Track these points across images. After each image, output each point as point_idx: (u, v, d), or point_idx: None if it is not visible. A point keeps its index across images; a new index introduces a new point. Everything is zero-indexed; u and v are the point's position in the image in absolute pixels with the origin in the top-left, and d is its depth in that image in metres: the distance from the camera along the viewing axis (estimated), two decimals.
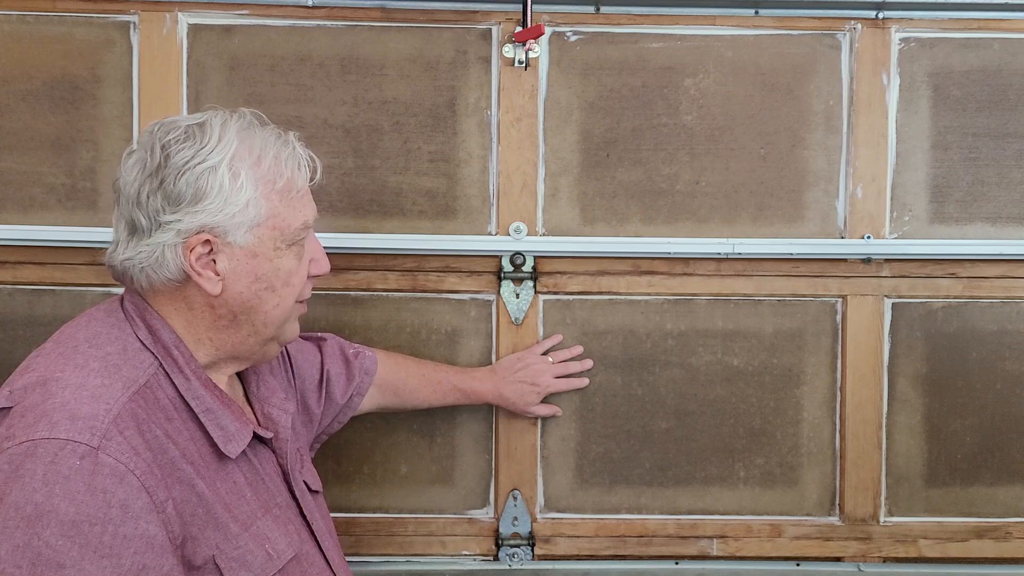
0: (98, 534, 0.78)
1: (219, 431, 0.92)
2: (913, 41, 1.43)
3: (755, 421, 1.46)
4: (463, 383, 1.37)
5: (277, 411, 1.05)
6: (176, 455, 0.87)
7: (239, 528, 0.91)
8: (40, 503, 0.77)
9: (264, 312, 0.95)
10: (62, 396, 0.83)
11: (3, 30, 1.39)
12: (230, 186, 0.90)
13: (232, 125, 0.93)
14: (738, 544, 1.47)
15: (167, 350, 0.92)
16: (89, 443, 0.80)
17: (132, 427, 0.84)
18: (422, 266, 1.43)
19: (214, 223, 0.90)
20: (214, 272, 0.92)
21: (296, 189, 0.95)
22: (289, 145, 0.96)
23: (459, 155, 1.43)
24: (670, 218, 1.44)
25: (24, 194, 1.40)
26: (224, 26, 1.40)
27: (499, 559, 1.46)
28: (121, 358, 0.89)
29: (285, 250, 0.95)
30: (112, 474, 0.80)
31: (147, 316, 0.93)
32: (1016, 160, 1.44)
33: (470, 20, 1.41)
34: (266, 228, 0.93)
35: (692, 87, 1.43)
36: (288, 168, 0.94)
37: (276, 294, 0.95)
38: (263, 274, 0.94)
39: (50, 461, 0.78)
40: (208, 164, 0.90)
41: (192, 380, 0.92)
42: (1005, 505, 1.48)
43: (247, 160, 0.91)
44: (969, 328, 1.46)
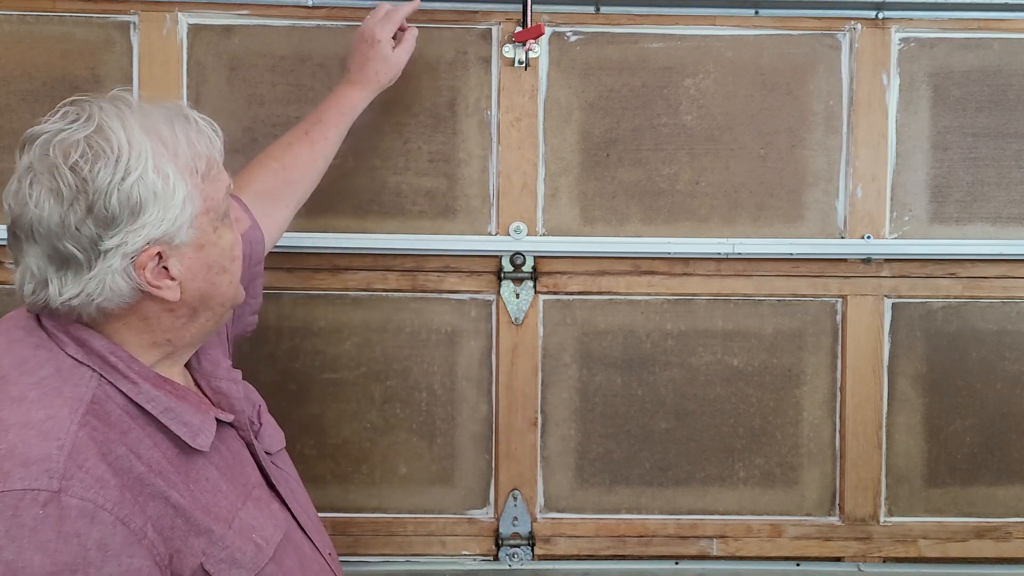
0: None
1: (184, 428, 0.87)
2: (913, 41, 1.43)
3: (755, 421, 1.46)
4: (327, 114, 1.27)
5: (226, 383, 0.98)
6: (143, 470, 0.82)
7: (223, 527, 0.86)
8: (10, 561, 0.72)
9: (220, 294, 0.92)
10: (7, 441, 0.76)
11: (3, 30, 1.39)
12: (163, 190, 0.83)
13: (129, 121, 0.84)
14: (738, 544, 1.47)
15: (104, 359, 0.85)
16: (49, 488, 0.74)
17: (92, 455, 0.78)
18: (422, 266, 1.43)
19: (160, 233, 0.83)
20: (170, 279, 0.86)
21: (214, 163, 0.89)
22: (191, 121, 0.89)
23: (459, 155, 1.43)
24: (670, 218, 1.44)
25: None
26: (224, 26, 1.40)
27: (499, 559, 1.46)
28: (58, 379, 0.83)
29: (221, 227, 0.90)
30: (81, 515, 0.75)
31: (71, 329, 0.86)
32: (1016, 160, 1.44)
33: (470, 20, 1.41)
34: (203, 215, 0.87)
35: (692, 87, 1.43)
36: (202, 147, 0.88)
37: (227, 273, 0.92)
38: (213, 260, 0.89)
39: (11, 515, 0.73)
40: (135, 175, 0.81)
41: (140, 383, 0.86)
42: (1005, 505, 1.48)
43: (166, 156, 0.84)
44: (969, 328, 1.46)
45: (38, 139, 0.83)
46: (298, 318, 1.43)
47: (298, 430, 1.44)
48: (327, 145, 1.26)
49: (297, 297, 1.43)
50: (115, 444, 0.81)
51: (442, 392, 1.45)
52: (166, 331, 0.89)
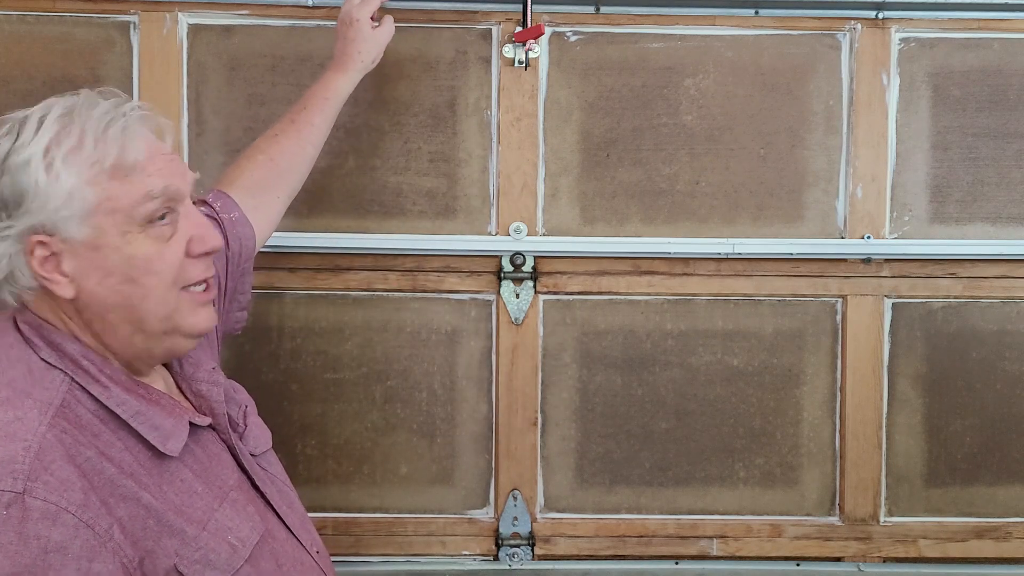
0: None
1: (154, 432, 0.86)
2: (913, 41, 1.43)
3: (755, 421, 1.47)
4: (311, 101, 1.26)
5: (206, 386, 0.97)
6: (113, 472, 0.81)
7: (196, 528, 0.85)
8: None
9: (133, 307, 0.86)
10: None
11: (3, 30, 1.39)
12: (45, 179, 0.81)
13: (56, 110, 0.85)
14: (738, 544, 1.47)
15: (76, 362, 0.85)
16: (12, 489, 0.74)
17: (59, 456, 0.78)
18: (422, 266, 1.43)
19: (41, 222, 0.82)
20: (60, 274, 0.84)
21: (131, 164, 0.85)
22: (121, 117, 0.86)
23: (459, 155, 1.43)
24: (670, 218, 1.44)
25: None
26: (224, 26, 1.40)
27: (499, 559, 1.46)
28: (28, 381, 0.83)
29: (138, 234, 0.85)
30: (43, 517, 0.74)
31: (44, 332, 0.86)
32: (1016, 160, 1.44)
33: (470, 20, 1.41)
34: (102, 215, 0.83)
35: (692, 87, 1.43)
36: (116, 144, 0.84)
37: (139, 285, 0.86)
38: (114, 266, 0.84)
39: None
40: (21, 159, 0.82)
41: (111, 387, 0.86)
42: (1005, 505, 1.48)
43: (64, 146, 0.83)
44: (969, 328, 1.46)
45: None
46: (299, 318, 1.43)
47: (300, 430, 1.44)
48: (313, 132, 1.25)
49: (298, 297, 1.43)
50: (84, 447, 0.81)
51: (442, 392, 1.45)
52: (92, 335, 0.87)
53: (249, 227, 1.15)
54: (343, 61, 1.28)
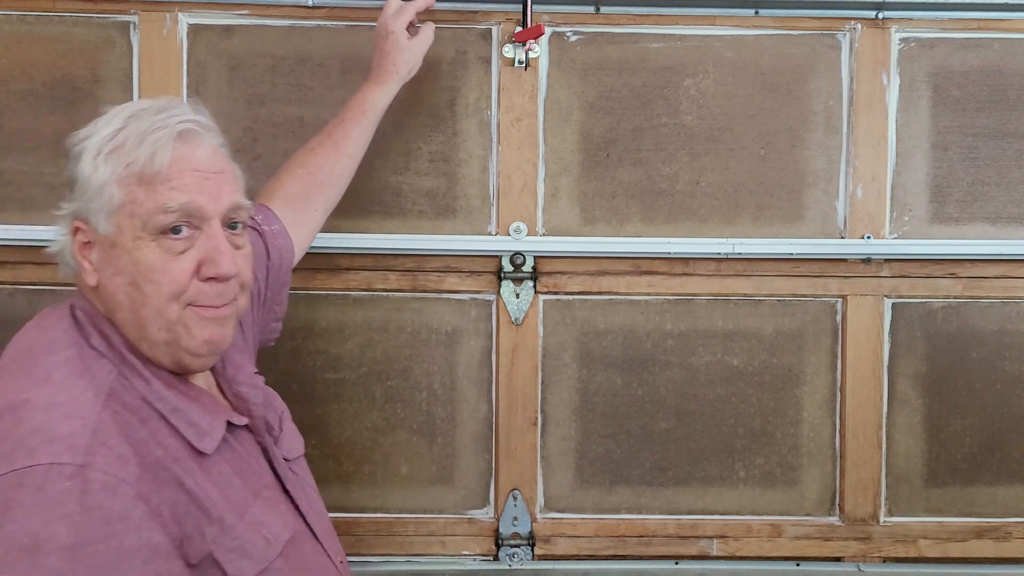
0: (102, 552, 0.76)
1: (190, 428, 0.89)
2: (913, 41, 1.43)
3: (755, 421, 1.47)
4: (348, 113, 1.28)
5: (246, 388, 1.01)
6: (161, 455, 0.85)
7: (234, 518, 0.88)
8: (37, 532, 0.74)
9: (135, 312, 0.89)
10: (34, 420, 0.80)
11: (3, 30, 1.39)
12: (91, 171, 0.88)
13: (126, 111, 0.91)
14: (738, 544, 1.47)
15: (121, 355, 0.89)
16: (73, 462, 0.78)
17: (114, 434, 0.82)
18: (422, 266, 1.43)
19: (79, 208, 0.90)
20: (89, 263, 0.90)
21: (155, 172, 0.87)
22: (164, 128, 0.89)
23: (459, 155, 1.43)
24: (670, 218, 1.44)
25: (25, 194, 1.40)
26: (224, 26, 1.40)
27: (499, 559, 1.46)
28: (80, 365, 0.86)
29: (148, 241, 0.87)
30: (104, 488, 0.78)
31: (96, 322, 0.90)
32: (1016, 160, 1.44)
33: (470, 20, 1.41)
34: (123, 215, 0.87)
35: (692, 87, 1.43)
36: (148, 147, 0.87)
37: (140, 292, 0.88)
38: (123, 267, 0.88)
39: (37, 488, 0.76)
40: (79, 149, 0.90)
41: (152, 381, 0.89)
42: (1005, 505, 1.48)
43: (110, 143, 0.89)
44: (969, 328, 1.46)
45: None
46: (300, 318, 1.43)
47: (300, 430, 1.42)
48: (351, 144, 1.28)
49: (299, 297, 1.43)
50: (135, 428, 0.84)
51: (442, 392, 1.45)
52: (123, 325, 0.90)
53: (288, 239, 1.20)
54: (380, 74, 1.30)
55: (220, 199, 0.91)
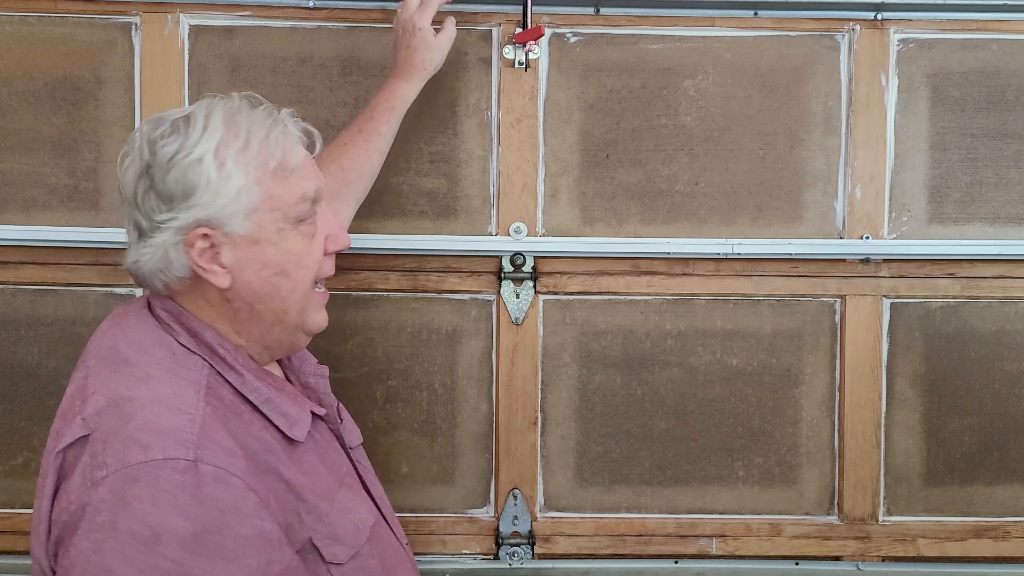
0: (218, 541, 0.79)
1: (282, 418, 0.92)
2: (912, 42, 1.44)
3: (754, 421, 1.47)
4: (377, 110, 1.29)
5: (314, 379, 1.05)
6: (258, 447, 0.87)
7: (326, 505, 0.91)
8: (155, 524, 0.77)
9: (281, 299, 0.93)
10: (141, 416, 0.82)
11: (5, 31, 1.39)
12: (218, 176, 0.88)
13: (218, 112, 0.91)
14: (737, 543, 1.48)
15: (212, 349, 0.91)
16: (185, 456, 0.80)
17: (219, 428, 0.84)
18: (423, 266, 1.44)
19: (207, 216, 0.88)
20: (219, 265, 0.90)
21: (291, 167, 0.92)
22: (280, 123, 0.93)
23: (459, 156, 1.43)
24: (669, 218, 1.45)
25: (26, 194, 1.41)
26: (225, 27, 1.40)
27: (499, 558, 1.47)
28: (172, 363, 0.88)
29: (291, 231, 0.92)
30: (216, 480, 0.80)
31: (183, 319, 0.92)
32: (1014, 160, 1.45)
33: (470, 21, 1.41)
34: (264, 212, 0.90)
35: (691, 88, 1.44)
36: (278, 147, 0.92)
37: (289, 278, 0.93)
38: (270, 259, 0.92)
39: (153, 483, 0.78)
40: (194, 157, 0.88)
41: (245, 374, 0.92)
42: (1004, 504, 1.48)
43: (233, 147, 0.89)
44: (967, 328, 1.47)
45: (151, 117, 0.93)
46: None
47: None
48: (380, 141, 1.29)
49: None
50: (233, 422, 0.87)
51: (443, 392, 1.46)
52: (233, 322, 0.93)
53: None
54: (407, 70, 1.30)
55: (322, 179, 0.98)
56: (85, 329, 1.42)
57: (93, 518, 0.78)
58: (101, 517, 0.78)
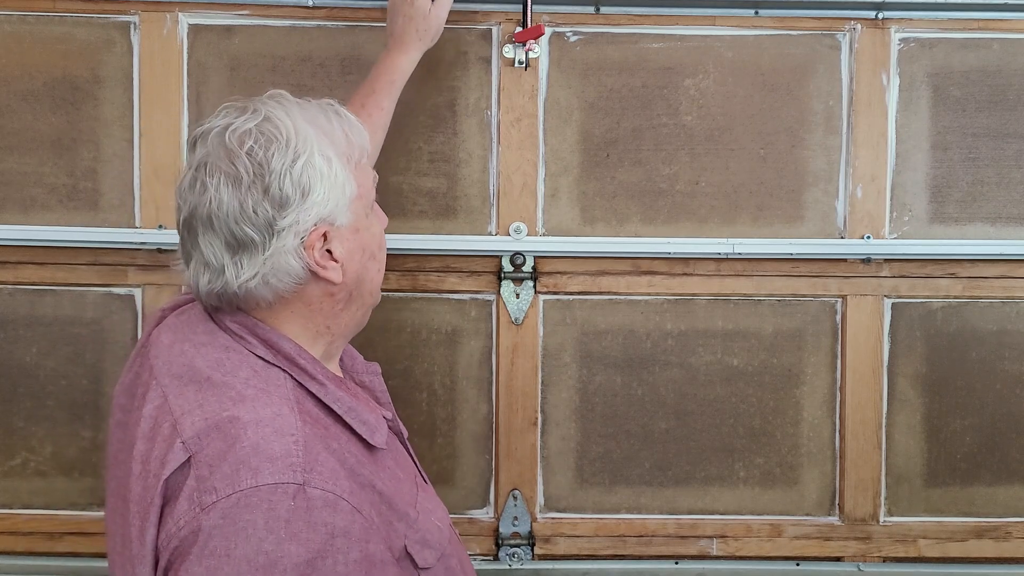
0: (331, 566, 0.78)
1: (363, 427, 0.91)
2: (913, 41, 1.43)
3: (755, 421, 1.47)
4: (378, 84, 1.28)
5: (368, 377, 1.05)
6: (352, 461, 0.86)
7: (414, 511, 0.91)
8: (270, 551, 0.76)
9: (371, 280, 0.96)
10: (247, 438, 0.80)
11: (3, 30, 1.39)
12: (328, 172, 0.88)
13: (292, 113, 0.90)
14: (738, 544, 1.47)
15: (292, 360, 0.89)
16: (295, 481, 0.79)
17: (321, 449, 0.83)
18: (422, 266, 1.44)
19: (326, 213, 0.88)
20: (333, 260, 0.90)
21: (364, 155, 0.95)
22: (342, 115, 0.94)
23: (459, 155, 1.43)
24: (670, 218, 1.44)
25: (25, 194, 1.40)
26: (225, 26, 1.40)
27: (499, 559, 1.46)
28: (259, 380, 0.87)
29: (372, 214, 0.96)
30: (325, 505, 0.79)
31: (259, 331, 0.90)
32: (1015, 160, 1.44)
33: (470, 20, 1.41)
34: (357, 201, 0.92)
35: (692, 87, 1.43)
36: (355, 137, 0.93)
37: (376, 260, 0.96)
38: (366, 244, 0.94)
39: (267, 508, 0.77)
40: (304, 158, 0.87)
41: (327, 384, 0.90)
42: (1005, 505, 1.48)
43: (327, 143, 0.90)
44: (969, 328, 1.46)
45: (211, 132, 0.88)
46: None
47: None
48: (383, 115, 1.28)
49: None
50: (328, 439, 0.85)
51: (442, 392, 1.45)
52: (326, 318, 0.93)
53: None
54: (405, 41, 1.29)
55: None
56: (84, 329, 1.41)
57: (206, 544, 0.77)
58: (214, 543, 0.76)
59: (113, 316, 1.42)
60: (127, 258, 1.40)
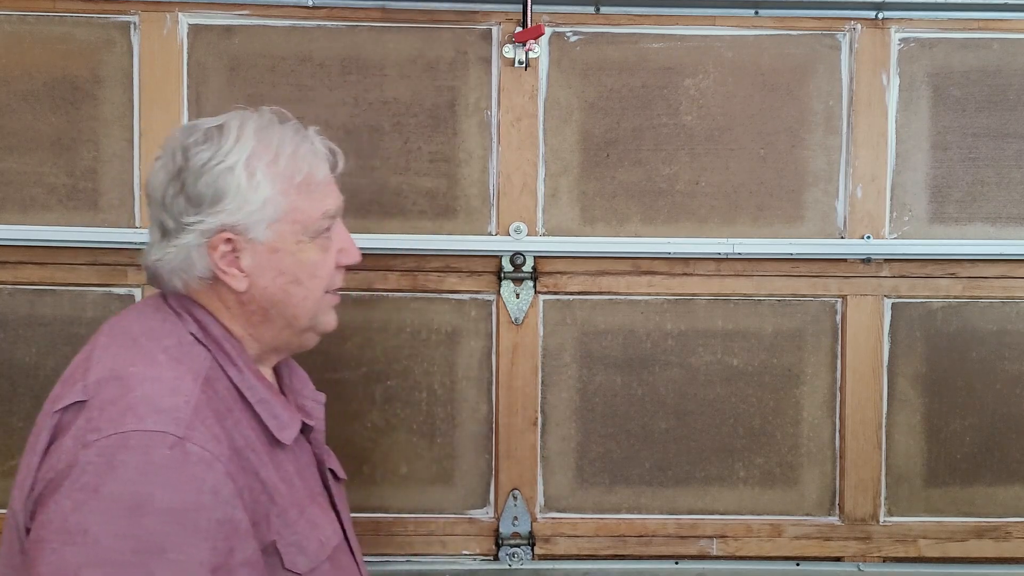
0: (194, 519, 0.80)
1: (273, 420, 0.95)
2: (913, 41, 1.43)
3: (755, 421, 1.47)
4: None
5: (311, 403, 1.08)
6: (242, 443, 0.90)
7: (296, 514, 0.93)
8: (138, 492, 0.79)
9: (293, 305, 0.97)
10: (142, 389, 0.85)
11: (4, 30, 1.39)
12: (247, 185, 0.91)
13: (250, 125, 0.95)
14: (738, 544, 1.47)
15: (218, 344, 0.94)
16: (176, 433, 0.82)
17: (210, 415, 0.87)
18: (422, 266, 1.44)
19: (234, 222, 0.91)
20: (239, 269, 0.93)
21: (316, 182, 0.96)
22: (308, 140, 0.97)
23: (459, 155, 1.43)
24: (670, 218, 1.44)
25: (25, 194, 1.40)
26: (224, 26, 1.40)
27: (499, 559, 1.46)
28: (180, 351, 0.91)
29: (308, 243, 0.96)
30: (200, 461, 0.82)
31: (194, 312, 0.95)
32: (1015, 160, 1.44)
33: (470, 20, 1.41)
34: (286, 223, 0.94)
35: (692, 87, 1.43)
36: (306, 163, 0.95)
37: (303, 287, 0.96)
38: (286, 268, 0.95)
39: (143, 452, 0.80)
40: (226, 165, 0.91)
41: (245, 371, 0.94)
42: (1005, 505, 1.48)
43: (264, 158, 0.93)
44: (969, 328, 1.46)
45: (186, 124, 0.96)
46: None
47: None
48: None
49: None
50: (224, 415, 0.89)
51: (442, 392, 1.45)
52: (248, 324, 0.97)
53: None
54: None
55: (341, 198, 1.01)
56: (84, 329, 1.41)
57: (78, 478, 0.80)
58: (86, 478, 0.79)
59: (113, 316, 1.42)
60: (127, 258, 1.40)
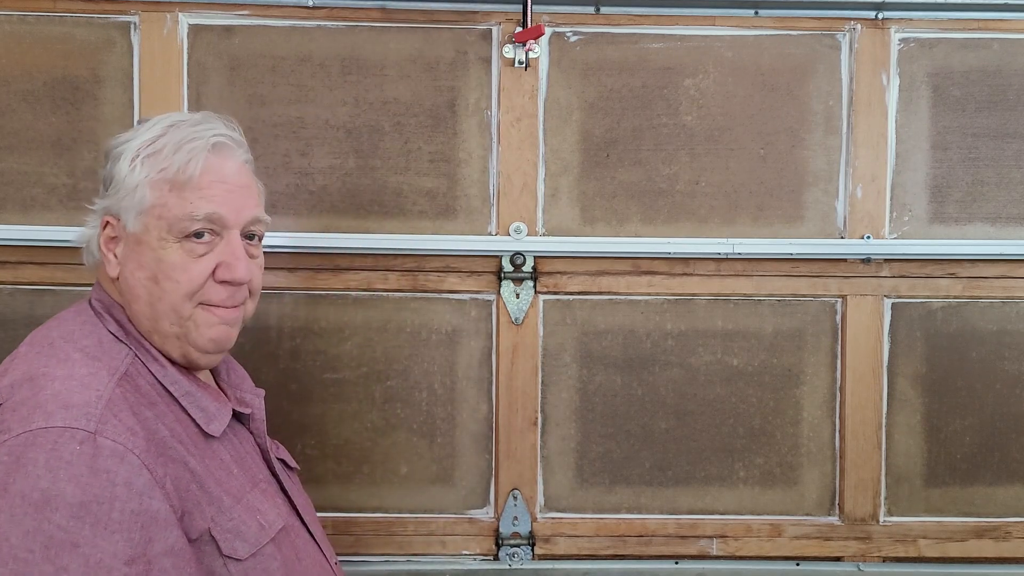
0: (106, 512, 0.81)
1: (200, 412, 0.95)
2: (913, 41, 1.43)
3: (755, 421, 1.47)
4: None
5: (250, 396, 1.07)
6: (166, 435, 0.90)
7: (231, 501, 0.93)
8: (46, 489, 0.79)
9: (150, 304, 0.94)
10: (52, 388, 0.85)
11: (4, 30, 1.39)
12: (127, 171, 0.94)
13: (168, 119, 0.97)
14: (738, 544, 1.47)
15: (139, 341, 0.95)
16: (86, 428, 0.82)
17: (125, 409, 0.87)
18: (422, 266, 1.44)
19: (116, 208, 0.95)
20: (114, 255, 0.96)
21: (188, 181, 0.93)
22: (199, 139, 0.95)
23: (459, 155, 1.43)
24: (670, 218, 1.44)
25: (25, 194, 1.40)
26: (225, 26, 1.40)
27: (499, 559, 1.46)
28: (99, 350, 0.92)
29: (172, 243, 0.93)
30: (112, 455, 0.82)
31: (114, 312, 0.96)
32: (1015, 160, 1.44)
33: (470, 20, 1.41)
34: (151, 216, 0.93)
35: (692, 87, 1.43)
36: (182, 158, 0.93)
37: (159, 287, 0.94)
38: (146, 263, 0.94)
39: (51, 448, 0.81)
40: (120, 151, 0.95)
41: (167, 367, 0.95)
42: (1004, 505, 1.48)
43: (149, 148, 0.94)
44: (969, 328, 1.46)
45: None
46: (300, 318, 1.43)
47: (299, 430, 1.44)
48: None
49: (298, 297, 1.43)
50: (144, 409, 0.90)
51: (442, 392, 1.45)
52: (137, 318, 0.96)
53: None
54: None
55: (242, 212, 0.97)
56: None
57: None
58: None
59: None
60: None
